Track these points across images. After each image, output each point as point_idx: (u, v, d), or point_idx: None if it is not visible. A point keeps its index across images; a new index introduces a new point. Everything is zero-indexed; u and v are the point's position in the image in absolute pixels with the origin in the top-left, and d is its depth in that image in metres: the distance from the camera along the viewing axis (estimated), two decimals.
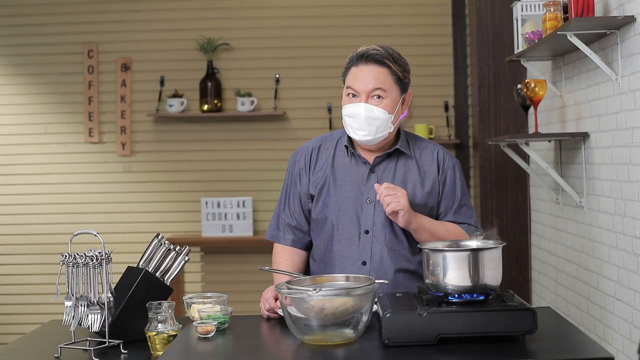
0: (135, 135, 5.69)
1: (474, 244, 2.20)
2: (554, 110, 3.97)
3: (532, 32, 3.58)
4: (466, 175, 5.52)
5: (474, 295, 2.07)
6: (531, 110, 3.75)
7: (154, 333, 2.24)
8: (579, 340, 2.07)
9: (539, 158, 3.72)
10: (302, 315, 2.08)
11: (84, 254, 2.24)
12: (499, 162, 4.68)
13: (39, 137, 5.69)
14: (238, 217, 5.49)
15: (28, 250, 5.67)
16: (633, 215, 2.94)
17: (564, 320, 2.30)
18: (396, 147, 2.58)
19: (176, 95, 5.60)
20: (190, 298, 2.48)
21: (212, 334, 2.21)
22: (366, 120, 2.50)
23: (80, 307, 2.23)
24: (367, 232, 2.54)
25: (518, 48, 3.76)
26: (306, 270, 2.68)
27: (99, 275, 2.23)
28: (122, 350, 2.24)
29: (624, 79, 2.99)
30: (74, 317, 2.23)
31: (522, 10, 3.69)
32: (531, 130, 3.95)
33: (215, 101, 5.56)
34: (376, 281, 2.17)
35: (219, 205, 5.52)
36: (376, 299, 2.19)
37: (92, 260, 2.23)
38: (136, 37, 5.69)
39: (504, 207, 4.69)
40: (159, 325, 2.25)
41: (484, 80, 4.69)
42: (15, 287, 5.68)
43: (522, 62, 3.86)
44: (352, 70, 2.56)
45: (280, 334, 2.24)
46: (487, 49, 4.69)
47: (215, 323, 2.24)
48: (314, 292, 2.05)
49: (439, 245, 2.23)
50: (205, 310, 2.32)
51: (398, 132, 2.64)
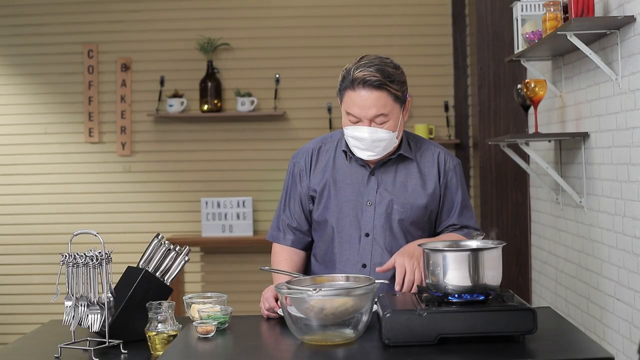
0: (135, 135, 5.69)
1: (474, 244, 2.20)
2: (554, 110, 3.97)
3: (532, 32, 3.58)
4: (466, 175, 5.52)
5: (474, 295, 2.07)
6: (531, 110, 3.75)
7: (154, 333, 2.24)
8: (579, 340, 2.07)
9: (539, 158, 3.72)
10: (302, 315, 2.08)
11: (84, 254, 2.24)
12: (499, 162, 4.68)
13: (39, 137, 5.69)
14: (238, 217, 5.49)
15: (28, 250, 5.67)
16: (633, 215, 2.94)
17: (564, 320, 2.30)
18: (399, 153, 2.57)
19: (176, 95, 5.60)
20: (190, 298, 2.48)
21: (212, 334, 2.21)
22: (372, 142, 2.48)
23: (80, 307, 2.23)
24: (367, 234, 2.54)
25: (518, 48, 3.76)
26: (305, 270, 2.68)
27: (99, 275, 2.23)
28: (122, 350, 2.24)
29: (624, 79, 2.99)
30: (74, 317, 2.23)
31: (522, 10, 3.69)
32: (531, 130, 3.95)
33: (215, 101, 5.56)
34: (376, 281, 2.17)
35: (219, 205, 5.52)
36: (376, 299, 2.19)
37: (92, 260, 2.23)
38: (136, 37, 5.69)
39: (504, 207, 4.69)
40: (159, 325, 2.25)
41: (484, 80, 4.69)
42: (15, 287, 5.68)
43: (522, 62, 3.86)
44: (349, 93, 2.47)
45: (280, 334, 2.24)
46: (487, 49, 4.69)
47: (215, 323, 2.24)
48: (314, 292, 2.05)
49: (439, 245, 2.23)
50: (205, 310, 2.32)
51: None
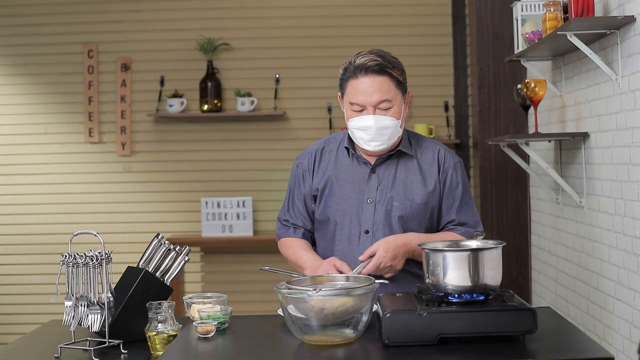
0: (135, 135, 5.69)
1: (474, 244, 2.20)
2: (554, 110, 3.97)
3: (532, 32, 3.58)
4: (466, 175, 5.52)
5: (474, 295, 2.07)
6: (531, 110, 3.75)
7: (154, 333, 2.24)
8: (579, 340, 2.07)
9: (539, 158, 3.72)
10: (302, 315, 2.08)
11: (84, 254, 2.24)
12: (499, 162, 4.68)
13: (39, 137, 5.69)
14: (238, 217, 5.49)
15: (28, 250, 5.67)
16: (633, 215, 2.94)
17: (564, 320, 2.30)
18: (398, 149, 2.58)
19: (176, 95, 5.60)
20: (190, 298, 2.48)
21: (212, 334, 2.21)
22: (377, 130, 2.49)
23: (80, 307, 2.23)
24: (367, 232, 2.55)
25: (518, 48, 3.76)
26: None
27: (99, 275, 2.23)
28: (122, 350, 2.24)
29: (624, 79, 2.99)
30: (74, 317, 2.23)
31: (522, 10, 3.70)
32: (531, 130, 3.95)
33: (215, 101, 5.56)
34: (376, 281, 2.17)
35: (219, 205, 5.52)
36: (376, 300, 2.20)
37: (92, 260, 2.23)
38: (136, 37, 5.69)
39: (504, 207, 4.70)
40: (159, 325, 2.25)
41: (484, 80, 4.69)
42: (15, 287, 5.68)
43: (522, 62, 3.86)
44: (352, 83, 2.51)
45: (280, 334, 2.24)
46: (487, 49, 4.69)
47: (215, 323, 2.24)
48: (314, 292, 2.05)
49: (439, 245, 2.23)
50: (205, 310, 2.32)
51: None
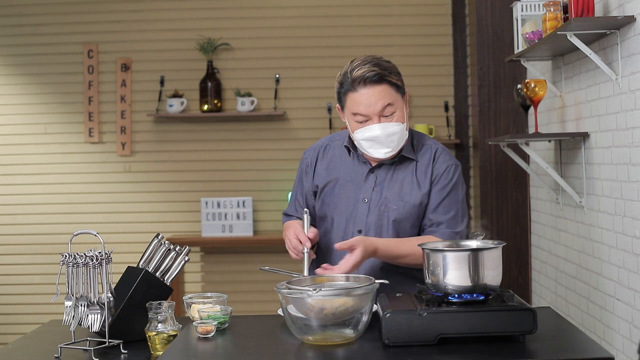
0: (135, 135, 5.70)
1: (474, 244, 2.20)
2: (554, 110, 3.97)
3: (532, 32, 3.58)
4: (466, 175, 5.52)
5: (474, 295, 2.07)
6: (531, 110, 3.75)
7: (154, 333, 2.24)
8: (579, 340, 2.07)
9: (539, 158, 3.72)
10: (302, 315, 2.08)
11: (84, 254, 2.24)
12: (499, 162, 4.68)
13: (39, 137, 5.69)
14: (238, 217, 5.49)
15: (28, 250, 5.67)
16: (633, 215, 2.94)
17: (564, 320, 2.30)
18: (400, 155, 2.59)
19: (176, 95, 5.60)
20: (190, 298, 2.48)
21: (212, 334, 2.21)
22: (386, 138, 2.49)
23: (80, 307, 2.23)
24: (359, 231, 2.57)
25: (518, 48, 3.76)
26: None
27: (99, 275, 2.23)
28: (122, 350, 2.24)
29: (624, 79, 2.99)
30: (74, 317, 2.23)
31: (522, 10, 3.69)
32: (531, 130, 3.95)
33: (215, 101, 5.57)
34: (376, 281, 2.17)
35: (219, 205, 5.52)
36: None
37: (92, 260, 2.23)
38: (136, 37, 5.69)
39: (504, 207, 4.69)
40: (159, 325, 2.25)
41: (484, 80, 4.69)
42: (15, 287, 5.68)
43: (522, 62, 3.86)
44: (352, 96, 2.50)
45: (280, 334, 2.24)
46: (487, 49, 4.69)
47: (215, 323, 2.24)
48: (314, 292, 2.05)
49: (439, 245, 2.23)
50: (205, 310, 2.32)
51: None
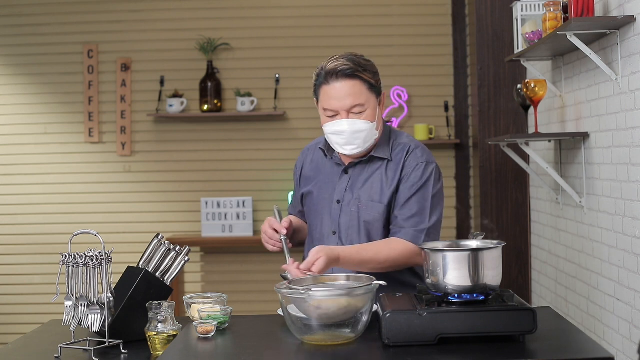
0: (135, 135, 5.70)
1: (474, 244, 2.20)
2: (554, 110, 3.97)
3: (532, 32, 3.58)
4: (466, 175, 5.52)
5: (474, 295, 2.07)
6: (531, 110, 3.75)
7: (154, 333, 2.24)
8: (579, 340, 2.07)
9: (539, 158, 3.72)
10: (302, 315, 2.08)
11: (84, 254, 2.24)
12: (499, 162, 4.68)
13: (39, 137, 5.69)
14: (238, 217, 5.49)
15: (28, 250, 5.67)
16: (633, 215, 2.94)
17: (564, 320, 2.30)
18: (370, 154, 2.57)
19: (176, 95, 5.60)
20: (190, 298, 2.48)
21: (212, 334, 2.21)
22: (352, 134, 2.49)
23: (80, 307, 2.23)
24: (334, 232, 2.57)
25: (518, 48, 3.76)
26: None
27: (99, 275, 2.23)
28: (122, 350, 2.24)
29: (624, 79, 2.99)
30: (74, 317, 2.23)
31: (522, 10, 3.70)
32: (531, 130, 3.96)
33: (215, 101, 5.57)
34: (374, 282, 2.17)
35: (219, 205, 5.52)
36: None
37: (92, 260, 2.23)
38: (136, 37, 5.69)
39: (504, 207, 4.69)
40: (159, 325, 2.25)
41: (484, 80, 4.69)
42: (15, 287, 5.68)
43: (522, 62, 3.86)
44: (324, 89, 2.50)
45: (280, 334, 2.24)
46: (487, 49, 4.69)
47: (215, 323, 2.24)
48: (313, 292, 2.05)
49: (439, 245, 2.23)
50: (205, 310, 2.32)
51: None
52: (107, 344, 2.23)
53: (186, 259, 2.49)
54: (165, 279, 2.45)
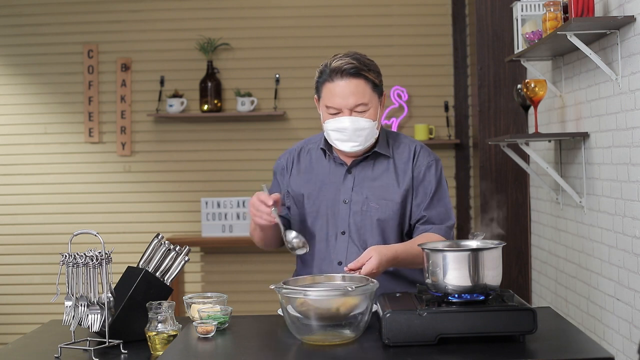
0: (135, 135, 5.70)
1: (474, 244, 2.20)
2: (554, 110, 3.97)
3: (532, 32, 3.58)
4: (466, 175, 5.52)
5: (474, 295, 2.07)
6: (531, 110, 3.75)
7: (154, 333, 2.24)
8: (579, 340, 2.07)
9: (539, 158, 3.72)
10: (301, 316, 2.08)
11: (84, 254, 2.24)
12: (499, 162, 4.68)
13: (39, 137, 5.69)
14: (238, 217, 5.49)
15: (28, 250, 5.67)
16: (633, 215, 2.94)
17: (564, 320, 2.30)
18: (374, 150, 2.58)
19: (176, 95, 5.60)
20: (190, 298, 2.48)
21: (212, 334, 2.21)
22: (354, 132, 2.49)
23: (80, 307, 2.23)
24: (343, 232, 2.56)
25: (518, 48, 3.76)
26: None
27: (99, 275, 2.23)
28: (122, 350, 2.24)
29: (624, 79, 2.99)
30: (74, 317, 2.23)
31: (522, 10, 3.70)
32: (531, 130, 3.96)
33: (215, 101, 5.57)
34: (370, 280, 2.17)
35: (219, 205, 5.52)
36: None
37: (92, 260, 2.23)
38: (136, 37, 5.69)
39: (504, 207, 4.69)
40: (159, 325, 2.25)
41: (484, 80, 4.69)
42: (15, 287, 5.68)
43: (522, 62, 3.86)
44: (328, 86, 2.51)
45: (280, 334, 2.24)
46: (487, 49, 4.69)
47: (215, 323, 2.24)
48: (312, 292, 2.05)
49: (439, 245, 2.23)
50: (205, 310, 2.32)
51: None
52: (107, 344, 2.23)
53: (186, 259, 2.49)
54: (165, 279, 2.45)
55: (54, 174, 5.69)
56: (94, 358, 2.17)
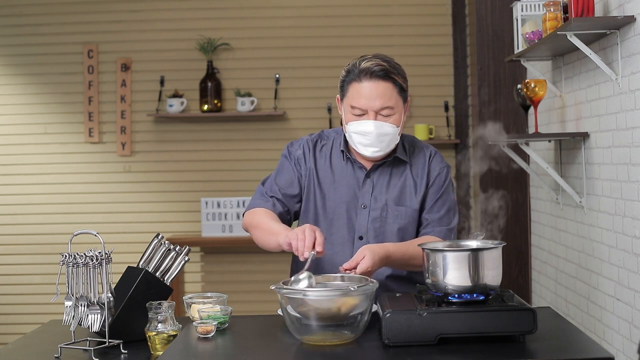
0: (135, 135, 5.70)
1: (474, 244, 2.20)
2: (554, 110, 3.97)
3: (532, 32, 3.58)
4: (466, 175, 5.52)
5: (474, 295, 2.07)
6: (531, 110, 3.75)
7: (154, 333, 2.24)
8: (579, 340, 2.07)
9: (539, 158, 3.72)
10: (301, 316, 2.08)
11: (84, 254, 2.24)
12: (499, 162, 4.67)
13: (39, 137, 5.69)
14: (238, 217, 5.49)
15: (28, 250, 5.67)
16: (633, 215, 2.94)
17: (564, 320, 2.30)
18: (395, 156, 2.57)
19: (176, 95, 5.60)
20: (190, 298, 2.48)
21: (212, 334, 2.21)
22: (377, 137, 2.46)
23: (80, 307, 2.23)
24: (361, 238, 2.53)
25: (518, 48, 3.76)
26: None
27: (99, 275, 2.23)
28: (122, 350, 2.24)
29: (624, 79, 2.99)
30: (74, 317, 2.23)
31: (522, 10, 3.70)
32: (531, 130, 3.96)
33: (215, 101, 5.57)
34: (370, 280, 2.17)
35: (219, 205, 5.52)
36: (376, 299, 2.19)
37: (92, 260, 2.23)
38: (136, 37, 5.69)
39: (504, 207, 4.69)
40: (159, 325, 2.25)
41: (484, 80, 4.69)
42: (15, 287, 5.68)
43: (522, 62, 3.86)
44: (355, 86, 2.47)
45: (280, 334, 2.24)
46: (487, 49, 4.69)
47: (215, 323, 2.24)
48: (312, 292, 2.05)
49: (439, 245, 2.23)
50: (205, 310, 2.32)
51: None
52: (107, 344, 2.22)
53: (186, 259, 2.49)
54: (165, 279, 2.45)
55: (54, 174, 5.69)
56: (94, 358, 2.17)
